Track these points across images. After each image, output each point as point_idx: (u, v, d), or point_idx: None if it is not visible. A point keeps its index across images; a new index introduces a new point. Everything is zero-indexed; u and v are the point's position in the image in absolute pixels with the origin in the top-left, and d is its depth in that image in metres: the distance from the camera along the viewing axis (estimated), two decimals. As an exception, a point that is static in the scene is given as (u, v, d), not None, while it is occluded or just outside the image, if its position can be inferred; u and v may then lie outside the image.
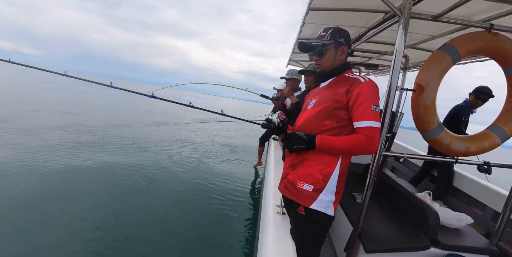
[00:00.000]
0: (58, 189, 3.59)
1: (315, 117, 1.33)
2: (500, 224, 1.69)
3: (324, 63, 1.36)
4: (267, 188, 2.24)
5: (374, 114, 1.18)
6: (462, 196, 2.92)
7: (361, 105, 1.19)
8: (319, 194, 1.27)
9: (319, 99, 1.37)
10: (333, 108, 1.27)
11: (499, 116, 1.68)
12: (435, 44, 2.44)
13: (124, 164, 4.86)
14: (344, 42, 1.33)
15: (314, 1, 1.78)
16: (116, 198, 3.54)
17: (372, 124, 1.17)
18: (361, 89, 1.20)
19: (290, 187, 1.38)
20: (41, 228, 2.72)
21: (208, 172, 5.01)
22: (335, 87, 1.32)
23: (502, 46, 1.46)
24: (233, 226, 3.19)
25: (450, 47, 1.47)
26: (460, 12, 1.59)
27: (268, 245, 1.37)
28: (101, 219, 3.01)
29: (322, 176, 1.27)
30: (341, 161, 1.28)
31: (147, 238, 2.76)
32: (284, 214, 1.66)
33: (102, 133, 7.13)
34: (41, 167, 4.22)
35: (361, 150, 1.18)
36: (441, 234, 1.61)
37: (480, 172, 1.64)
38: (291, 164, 1.40)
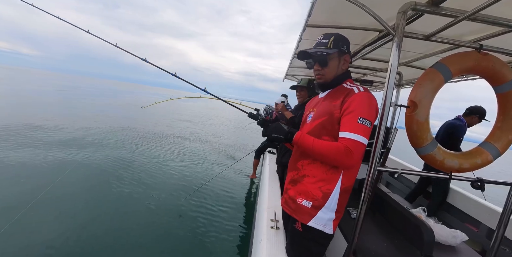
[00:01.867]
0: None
1: (313, 131, 1.28)
2: (494, 241, 1.68)
3: (327, 73, 1.30)
4: (261, 202, 2.22)
5: (359, 127, 1.10)
6: (457, 212, 2.91)
7: (348, 114, 1.13)
8: (318, 211, 1.22)
9: (317, 112, 1.33)
10: (330, 122, 1.22)
11: (490, 133, 1.71)
12: (428, 62, 2.51)
13: (114, 174, 4.79)
14: (346, 50, 1.29)
15: (311, 18, 1.83)
16: (104, 209, 3.46)
17: (355, 137, 1.09)
18: (354, 99, 1.15)
19: (290, 202, 1.34)
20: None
21: (201, 182, 4.94)
22: (332, 99, 1.27)
23: (491, 65, 1.51)
24: (226, 240, 3.12)
25: (442, 65, 1.51)
26: (451, 32, 1.65)
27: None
28: (90, 227, 2.94)
29: (322, 193, 1.22)
30: (342, 178, 1.22)
31: (137, 250, 2.68)
32: (278, 229, 1.63)
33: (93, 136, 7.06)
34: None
35: (335, 160, 1.12)
36: (436, 251, 1.59)
37: (474, 188, 1.64)
38: (292, 180, 1.37)
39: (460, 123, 3.11)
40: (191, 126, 12.88)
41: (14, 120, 7.81)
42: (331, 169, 1.22)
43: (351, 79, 1.34)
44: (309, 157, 1.28)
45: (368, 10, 1.36)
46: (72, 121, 9.16)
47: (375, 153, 1.33)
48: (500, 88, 1.60)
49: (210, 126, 14.28)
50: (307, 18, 1.81)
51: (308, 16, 1.78)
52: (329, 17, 1.92)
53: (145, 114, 14.25)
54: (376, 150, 1.33)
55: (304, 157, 1.31)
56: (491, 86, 1.66)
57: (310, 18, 1.83)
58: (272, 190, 2.26)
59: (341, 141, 1.11)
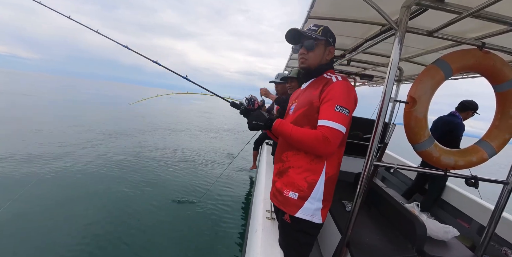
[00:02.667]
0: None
1: (295, 122, 1.28)
2: (485, 237, 1.71)
3: (311, 58, 1.30)
4: (257, 193, 2.24)
5: (337, 115, 1.11)
6: (450, 208, 2.96)
7: (326, 103, 1.14)
8: (304, 201, 1.23)
9: (298, 102, 1.34)
10: (310, 112, 1.23)
11: (487, 132, 1.72)
12: (429, 58, 2.50)
13: (111, 170, 4.81)
14: (332, 43, 1.31)
15: (314, 9, 1.81)
16: (105, 204, 3.50)
17: (332, 125, 1.10)
18: (332, 87, 1.16)
19: (277, 194, 1.35)
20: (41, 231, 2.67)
21: (200, 175, 4.97)
22: (313, 88, 1.28)
23: (492, 64, 1.51)
24: (223, 231, 3.16)
25: (443, 62, 1.50)
26: (454, 29, 1.64)
27: (257, 251, 1.36)
28: (92, 226, 2.96)
29: (307, 183, 1.23)
30: (326, 168, 1.24)
31: (134, 242, 2.71)
32: (274, 220, 1.65)
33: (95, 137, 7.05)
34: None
35: (314, 148, 1.13)
36: (427, 245, 1.62)
37: (468, 185, 1.67)
38: (278, 172, 1.38)
39: (458, 120, 3.09)
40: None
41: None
42: (315, 159, 1.23)
43: (332, 70, 1.36)
44: (293, 148, 1.29)
45: (372, 3, 1.34)
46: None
47: (372, 147, 1.34)
48: (500, 87, 1.60)
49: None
50: (310, 9, 1.79)
51: (311, 8, 1.76)
52: (332, 9, 1.90)
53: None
54: (373, 145, 1.34)
55: (289, 148, 1.32)
56: (491, 85, 1.66)
57: (312, 9, 1.81)
58: (269, 181, 2.28)
59: (319, 128, 1.12)
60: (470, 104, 3.08)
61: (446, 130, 3.09)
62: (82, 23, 1.86)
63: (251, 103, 1.32)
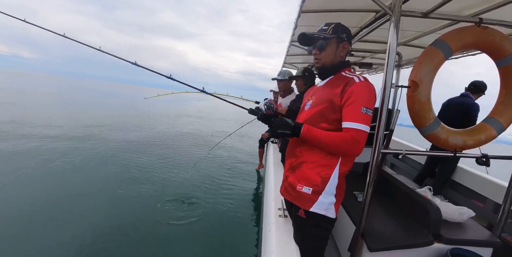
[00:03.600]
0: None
1: (311, 119, 1.29)
2: (501, 215, 1.70)
3: (324, 58, 1.31)
4: (268, 191, 2.24)
5: (363, 117, 1.14)
6: (463, 189, 2.93)
7: (351, 105, 1.15)
8: (318, 196, 1.24)
9: (315, 99, 1.34)
10: (328, 110, 1.23)
11: (494, 108, 1.70)
12: (427, 40, 2.47)
13: (121, 165, 4.87)
14: (346, 38, 1.30)
15: (305, 3, 1.80)
16: (118, 200, 3.56)
17: (359, 126, 1.13)
18: (354, 89, 1.17)
19: (290, 189, 1.35)
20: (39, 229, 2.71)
21: (209, 176, 4.99)
22: (332, 87, 1.28)
23: (492, 39, 1.48)
24: (236, 231, 3.17)
25: (441, 42, 1.48)
26: (449, 8, 1.61)
27: (272, 249, 1.36)
28: (101, 222, 3.01)
29: (321, 178, 1.24)
30: (340, 162, 1.24)
31: (150, 241, 2.74)
32: (286, 217, 1.65)
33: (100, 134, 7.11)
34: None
35: (345, 150, 1.16)
36: (443, 229, 1.61)
37: (479, 164, 1.65)
38: (290, 167, 1.38)
39: (472, 101, 2.99)
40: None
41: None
42: (329, 155, 1.24)
43: (350, 68, 1.36)
44: (307, 143, 1.29)
45: (363, -10, 1.33)
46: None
47: (378, 135, 1.33)
48: (501, 62, 1.57)
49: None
50: (301, 4, 1.78)
51: (303, 2, 1.74)
52: (324, 2, 1.88)
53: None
54: (379, 132, 1.33)
55: (303, 143, 1.31)
56: (493, 61, 1.64)
57: (304, 3, 1.80)
58: (278, 179, 2.28)
59: (347, 131, 1.14)
60: (482, 85, 3.01)
61: (461, 112, 2.97)
62: (83, 42, 1.89)
63: (270, 109, 1.31)
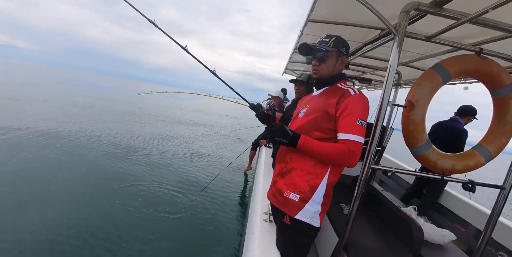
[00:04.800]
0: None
1: (305, 126, 1.31)
2: (481, 242, 1.72)
3: (323, 69, 1.34)
4: (255, 195, 2.24)
5: (358, 129, 1.16)
6: (447, 212, 2.97)
7: (347, 117, 1.18)
8: (305, 204, 1.26)
9: (310, 108, 1.36)
10: (322, 119, 1.26)
11: (484, 136, 1.73)
12: (427, 63, 2.52)
13: (104, 166, 4.78)
14: (345, 52, 1.33)
15: (314, 13, 1.82)
16: (93, 202, 3.45)
17: (355, 138, 1.16)
18: (350, 101, 1.20)
19: (277, 195, 1.36)
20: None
21: (195, 176, 4.95)
22: (327, 97, 1.31)
23: (490, 70, 1.52)
24: (220, 233, 3.15)
25: (441, 67, 1.52)
26: (452, 34, 1.65)
27: (253, 253, 1.36)
28: (81, 222, 2.94)
29: (309, 186, 1.26)
30: (329, 173, 1.26)
31: (126, 244, 2.69)
32: (271, 222, 1.65)
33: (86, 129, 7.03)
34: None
35: (340, 161, 1.18)
36: (424, 249, 1.63)
37: (465, 190, 1.67)
38: (280, 172, 1.39)
39: (461, 126, 3.06)
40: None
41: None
42: (319, 163, 1.26)
43: (345, 81, 1.40)
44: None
45: (371, 8, 1.35)
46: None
47: (370, 151, 1.35)
48: (497, 92, 1.61)
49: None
50: (309, 12, 1.80)
51: (311, 11, 1.77)
52: (331, 13, 1.91)
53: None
54: (371, 148, 1.35)
55: (294, 150, 1.32)
56: (488, 91, 1.68)
57: (312, 13, 1.82)
58: (267, 183, 2.28)
59: (343, 142, 1.17)
60: (471, 109, 3.09)
61: (450, 136, 3.04)
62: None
63: (272, 110, 1.34)
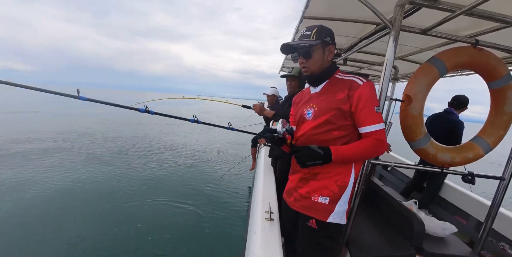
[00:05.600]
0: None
1: (320, 128, 1.25)
2: (482, 233, 1.73)
3: (311, 65, 1.27)
4: (256, 194, 2.23)
5: (378, 117, 1.17)
6: (447, 205, 2.98)
7: (364, 109, 1.16)
8: (335, 205, 1.23)
9: (319, 108, 1.27)
10: (338, 117, 1.21)
11: (483, 128, 1.74)
12: (424, 56, 2.52)
13: (111, 172, 4.78)
14: (330, 41, 1.25)
15: (309, 9, 1.81)
16: (103, 206, 3.47)
17: (378, 127, 1.16)
18: (361, 92, 1.16)
19: (301, 199, 1.31)
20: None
21: (199, 177, 4.96)
22: (333, 93, 1.24)
23: (486, 61, 1.52)
24: (221, 231, 3.15)
25: (437, 60, 1.52)
26: (447, 27, 1.65)
27: (256, 252, 1.35)
28: (87, 226, 2.94)
29: (338, 187, 1.23)
30: (354, 169, 1.25)
31: (130, 244, 2.70)
32: (273, 220, 1.65)
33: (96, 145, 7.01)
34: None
35: (374, 154, 1.18)
36: (426, 242, 1.63)
37: (464, 182, 1.68)
38: (303, 178, 1.33)
39: (456, 118, 3.03)
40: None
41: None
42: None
43: (339, 70, 1.33)
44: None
45: (366, 3, 1.35)
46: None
47: None
48: (494, 84, 1.61)
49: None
50: (304, 9, 1.79)
51: (306, 8, 1.76)
52: (327, 9, 1.90)
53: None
54: None
55: None
56: (485, 82, 1.68)
57: (307, 9, 1.81)
58: (267, 182, 2.28)
59: (370, 135, 1.17)
60: (465, 99, 3.07)
61: (447, 129, 3.01)
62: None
63: (290, 133, 1.23)
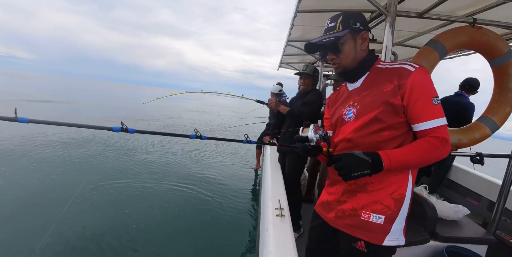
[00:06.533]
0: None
1: (366, 130, 1.02)
2: (495, 213, 1.72)
3: (343, 60, 1.07)
4: (265, 191, 2.24)
5: (437, 109, 0.93)
6: (458, 187, 2.96)
7: (419, 101, 0.93)
8: (392, 224, 0.99)
9: (362, 106, 1.05)
10: (387, 114, 0.98)
11: (488, 107, 1.72)
12: (422, 40, 2.49)
13: (120, 171, 4.82)
14: (362, 26, 1.05)
15: (302, 3, 1.80)
16: (115, 205, 3.51)
17: (439, 122, 0.93)
18: (415, 80, 0.93)
19: (346, 217, 1.07)
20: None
21: (207, 176, 4.98)
22: (378, 86, 1.02)
23: (486, 39, 1.50)
24: (234, 231, 3.17)
25: (436, 42, 1.50)
26: (444, 8, 1.63)
27: (269, 249, 1.36)
28: (102, 224, 2.99)
29: (394, 201, 0.99)
30: (411, 177, 1.02)
31: (146, 241, 2.74)
32: (284, 217, 1.65)
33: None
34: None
35: (437, 157, 0.93)
36: (439, 227, 1.63)
37: (473, 163, 1.67)
38: (348, 190, 1.09)
39: (467, 100, 2.98)
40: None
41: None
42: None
43: (380, 59, 1.12)
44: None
45: (359, -9, 1.34)
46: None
47: None
48: (495, 61, 1.59)
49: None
50: (298, 3, 1.78)
51: (299, 2, 1.75)
52: (320, 1, 1.89)
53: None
54: None
55: None
56: (486, 60, 1.66)
57: (300, 3, 1.80)
58: (275, 179, 2.28)
59: (429, 132, 0.93)
60: (476, 82, 3.03)
61: (458, 111, 2.93)
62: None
63: (326, 140, 0.99)
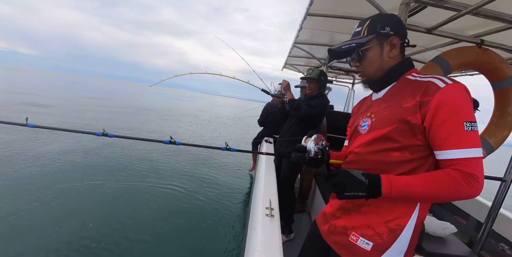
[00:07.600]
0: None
1: (375, 146, 0.91)
2: (482, 233, 1.73)
3: (367, 68, 0.96)
4: (257, 191, 2.24)
5: (469, 137, 0.75)
6: (447, 205, 2.98)
7: (445, 123, 0.76)
8: (381, 255, 0.88)
9: (377, 119, 0.93)
10: (401, 133, 0.84)
11: (486, 129, 1.73)
12: (428, 56, 2.51)
13: (110, 171, 4.77)
14: (392, 31, 0.90)
15: (313, 6, 1.81)
16: (102, 205, 3.46)
17: (469, 153, 0.74)
18: (443, 97, 0.76)
19: (337, 235, 1.00)
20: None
21: (199, 177, 4.97)
22: (399, 99, 0.88)
23: (491, 61, 1.52)
24: (222, 228, 3.16)
25: (442, 59, 1.51)
26: (453, 26, 1.64)
27: (256, 248, 1.36)
28: (89, 225, 2.96)
29: (388, 229, 0.87)
30: (419, 209, 0.87)
31: (131, 244, 2.70)
32: (273, 217, 1.66)
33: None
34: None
35: (455, 196, 0.75)
36: (425, 242, 1.64)
37: None
38: (343, 207, 1.01)
39: None
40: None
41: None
42: None
43: (416, 69, 0.97)
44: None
45: (371, 1, 1.34)
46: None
47: None
48: (498, 84, 1.60)
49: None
50: (309, 6, 1.79)
51: (310, 5, 1.75)
52: (331, 6, 1.89)
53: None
54: None
55: None
56: (489, 82, 1.67)
57: (311, 6, 1.81)
58: (268, 179, 2.29)
59: (452, 164, 0.76)
60: (475, 102, 3.07)
61: None
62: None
63: (324, 152, 0.95)
